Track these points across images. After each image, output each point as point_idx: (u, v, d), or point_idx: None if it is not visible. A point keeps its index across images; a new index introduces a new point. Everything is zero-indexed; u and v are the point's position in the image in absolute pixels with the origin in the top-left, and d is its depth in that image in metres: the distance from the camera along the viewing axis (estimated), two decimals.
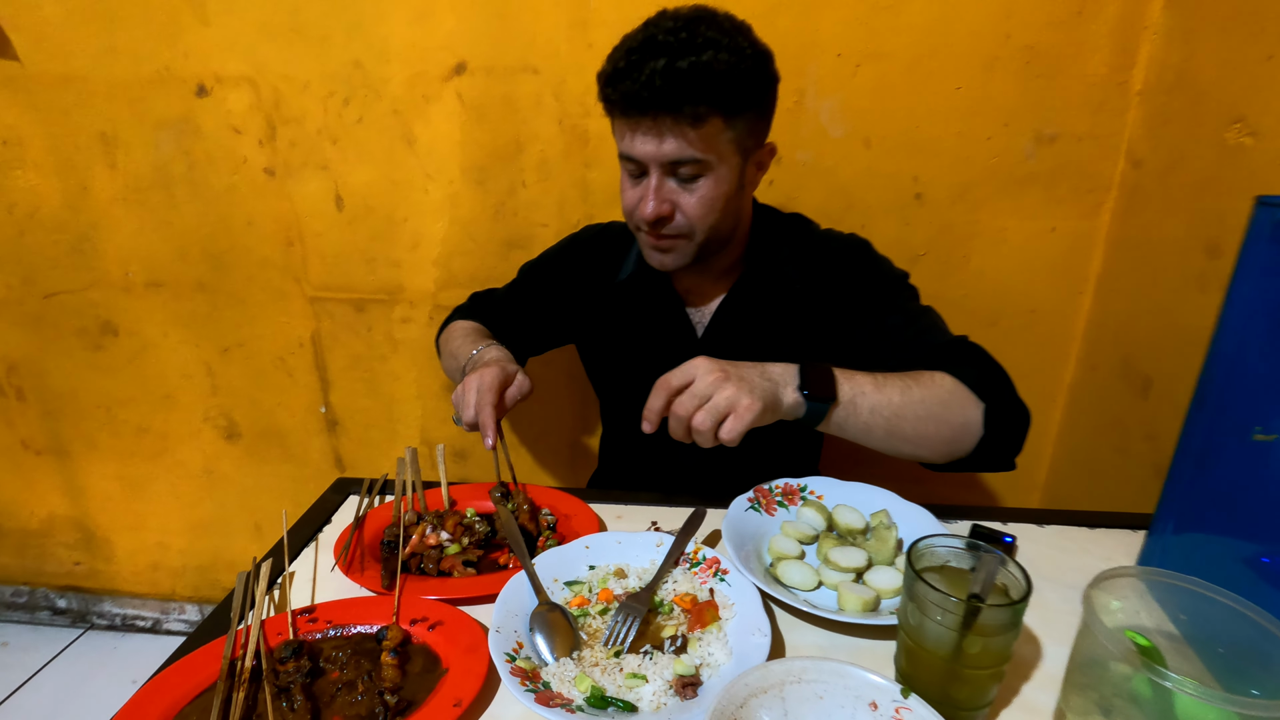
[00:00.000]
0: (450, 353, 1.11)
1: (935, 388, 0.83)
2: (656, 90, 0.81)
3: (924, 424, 0.82)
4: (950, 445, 0.85)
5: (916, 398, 0.81)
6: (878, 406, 0.80)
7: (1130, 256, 1.35)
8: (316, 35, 1.40)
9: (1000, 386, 0.87)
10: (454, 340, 1.12)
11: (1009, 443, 0.87)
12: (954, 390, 0.84)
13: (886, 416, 0.81)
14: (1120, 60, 1.29)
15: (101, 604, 2.02)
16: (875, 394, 0.81)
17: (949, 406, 0.83)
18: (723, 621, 0.70)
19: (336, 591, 0.77)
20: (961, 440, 0.84)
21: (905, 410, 0.81)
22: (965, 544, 0.62)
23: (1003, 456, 0.87)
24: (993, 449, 0.85)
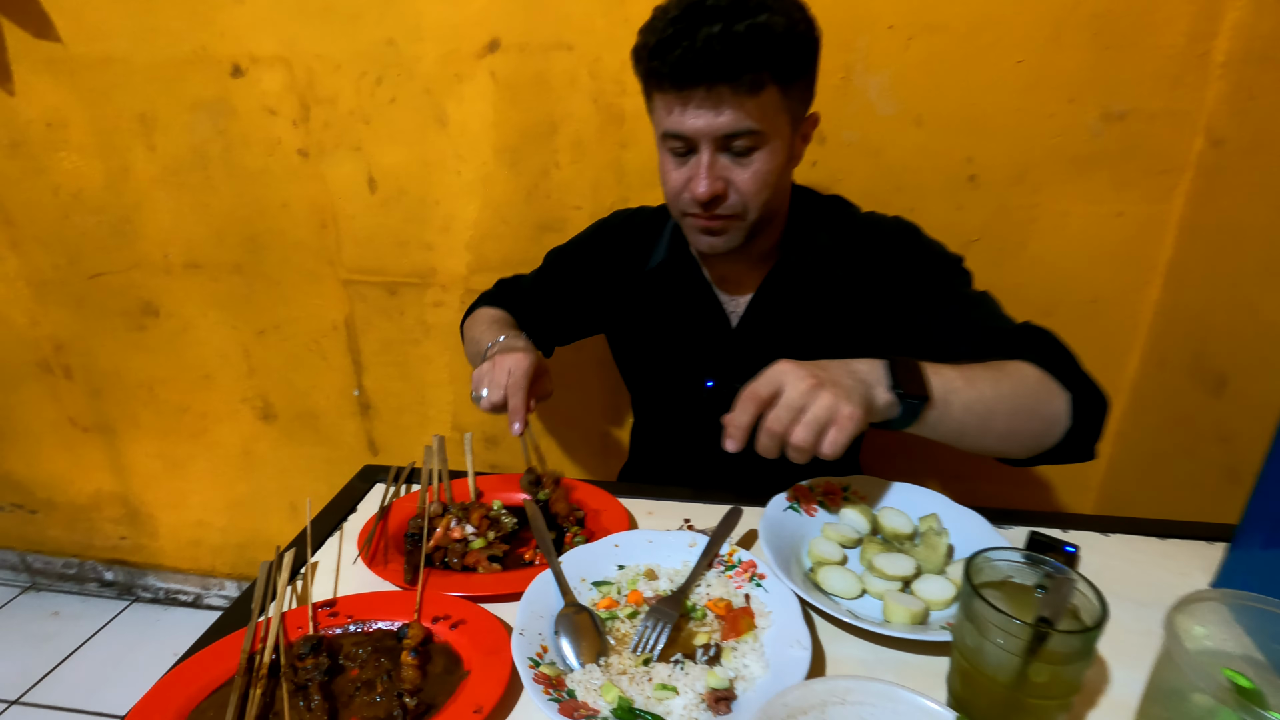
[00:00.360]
0: (474, 338, 1.09)
1: (1023, 379, 0.78)
2: (714, 56, 0.76)
3: (1017, 419, 0.76)
4: (1040, 439, 0.79)
5: (1007, 391, 0.76)
6: (971, 403, 0.74)
7: (1206, 243, 1.25)
8: (349, 13, 1.37)
9: (1079, 373, 0.82)
10: (478, 326, 1.10)
11: (1094, 431, 0.81)
12: (1041, 381, 0.78)
13: (979, 414, 0.74)
14: (1201, 29, 1.19)
15: (146, 578, 2.07)
16: (967, 390, 0.74)
17: (1039, 399, 0.77)
18: (759, 630, 0.66)
19: (359, 584, 0.75)
20: (1051, 432, 0.79)
21: (998, 405, 0.75)
22: (1028, 558, 0.56)
23: (1087, 446, 0.82)
24: (1079, 439, 0.80)
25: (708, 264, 1.01)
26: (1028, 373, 0.78)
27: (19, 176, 1.61)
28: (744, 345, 1.01)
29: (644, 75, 0.85)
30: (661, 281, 1.04)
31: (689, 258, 1.01)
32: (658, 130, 0.88)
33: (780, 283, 0.99)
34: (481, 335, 1.05)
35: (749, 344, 1.01)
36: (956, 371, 0.75)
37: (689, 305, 1.03)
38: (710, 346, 1.03)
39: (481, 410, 0.88)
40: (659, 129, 0.87)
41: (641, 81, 0.88)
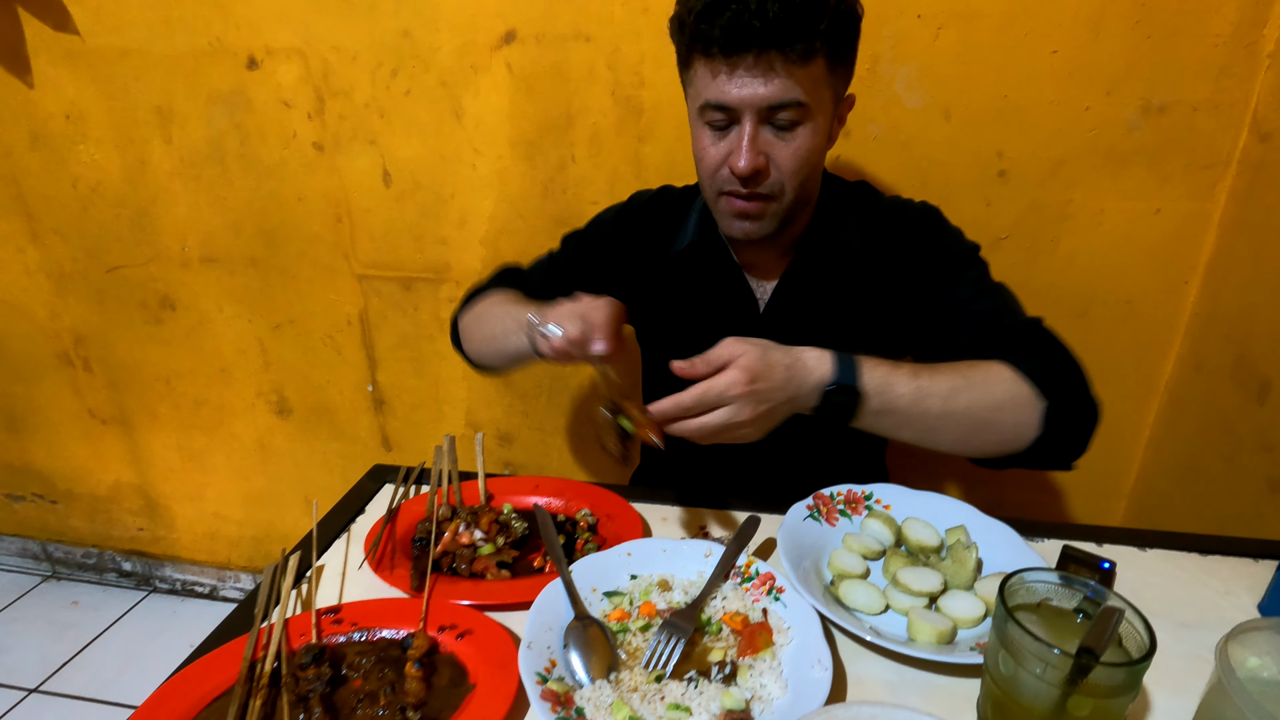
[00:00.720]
0: (493, 321, 0.97)
1: (989, 385, 0.76)
2: (770, 20, 0.73)
3: (972, 424, 0.75)
4: (1003, 445, 0.78)
5: (966, 396, 0.74)
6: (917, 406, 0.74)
7: (1250, 242, 1.19)
8: (365, 4, 1.36)
9: (1068, 381, 0.78)
10: (494, 310, 0.99)
11: (1070, 443, 0.79)
12: (1011, 386, 0.76)
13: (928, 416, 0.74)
14: (1250, 17, 1.13)
15: (163, 569, 2.09)
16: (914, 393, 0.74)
17: (1002, 406, 0.76)
18: (777, 648, 0.63)
19: (365, 589, 0.73)
20: (1017, 439, 0.77)
21: (953, 409, 0.74)
22: (1066, 579, 0.53)
23: (1060, 457, 0.79)
24: (1050, 449, 0.78)
25: (737, 248, 0.98)
26: (997, 377, 0.76)
27: (39, 169, 1.62)
28: (771, 330, 0.98)
29: (687, 41, 0.81)
30: (689, 264, 1.01)
31: (719, 240, 0.98)
32: (696, 102, 0.84)
33: (807, 268, 0.96)
34: (504, 314, 0.95)
35: (776, 328, 0.97)
36: (911, 373, 0.74)
37: (717, 288, 1.00)
38: (738, 330, 1.00)
39: (545, 355, 0.80)
40: (698, 100, 0.83)
41: (682, 51, 0.84)
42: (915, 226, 0.95)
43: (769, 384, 0.70)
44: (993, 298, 0.89)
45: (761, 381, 0.69)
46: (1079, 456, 0.80)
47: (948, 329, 0.88)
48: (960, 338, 0.85)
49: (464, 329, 1.06)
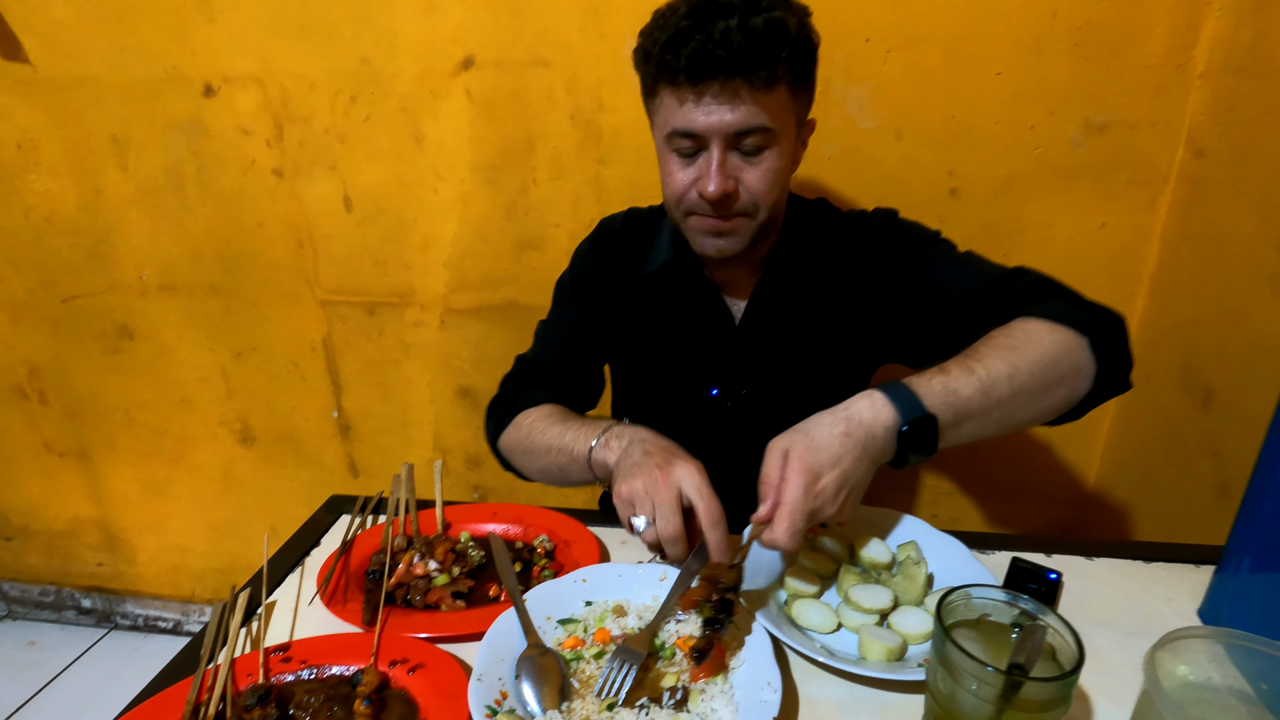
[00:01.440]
0: (545, 454, 0.92)
1: (1036, 343, 0.74)
2: (733, 49, 0.74)
3: (1042, 387, 0.74)
4: (1070, 398, 0.77)
5: (1024, 363, 0.72)
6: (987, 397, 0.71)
7: (1191, 254, 1.23)
8: (323, 31, 1.36)
9: (1084, 306, 0.80)
10: (541, 441, 0.93)
11: (1122, 361, 0.80)
12: (1053, 337, 0.75)
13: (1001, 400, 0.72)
14: (1181, 40, 1.18)
15: (125, 605, 2.03)
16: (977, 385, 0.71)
17: (1058, 362, 0.74)
18: (729, 671, 0.63)
19: (317, 625, 0.72)
20: (1079, 386, 0.77)
21: (1019, 383, 0.72)
22: (1007, 596, 0.54)
23: (1120, 378, 0.80)
24: (1110, 376, 0.78)
25: (710, 266, 0.99)
26: (1036, 334, 0.75)
27: None
28: (747, 345, 0.99)
29: (653, 71, 0.82)
30: (663, 283, 1.01)
31: (693, 258, 0.99)
32: (663, 130, 0.85)
33: (777, 281, 0.98)
34: (556, 448, 0.90)
35: (751, 339, 0.99)
36: (964, 370, 0.72)
37: (693, 306, 1.01)
38: (714, 345, 1.01)
39: (644, 541, 0.73)
40: (665, 129, 0.84)
41: (647, 80, 0.85)
42: (875, 232, 0.98)
43: (838, 468, 0.66)
44: (970, 264, 0.92)
45: (830, 471, 0.66)
46: (1131, 369, 0.81)
47: (945, 305, 0.89)
48: (957, 309, 0.86)
49: (511, 458, 1.02)
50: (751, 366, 1.00)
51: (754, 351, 0.99)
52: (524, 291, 1.50)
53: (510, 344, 1.55)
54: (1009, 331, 0.76)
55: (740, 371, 1.00)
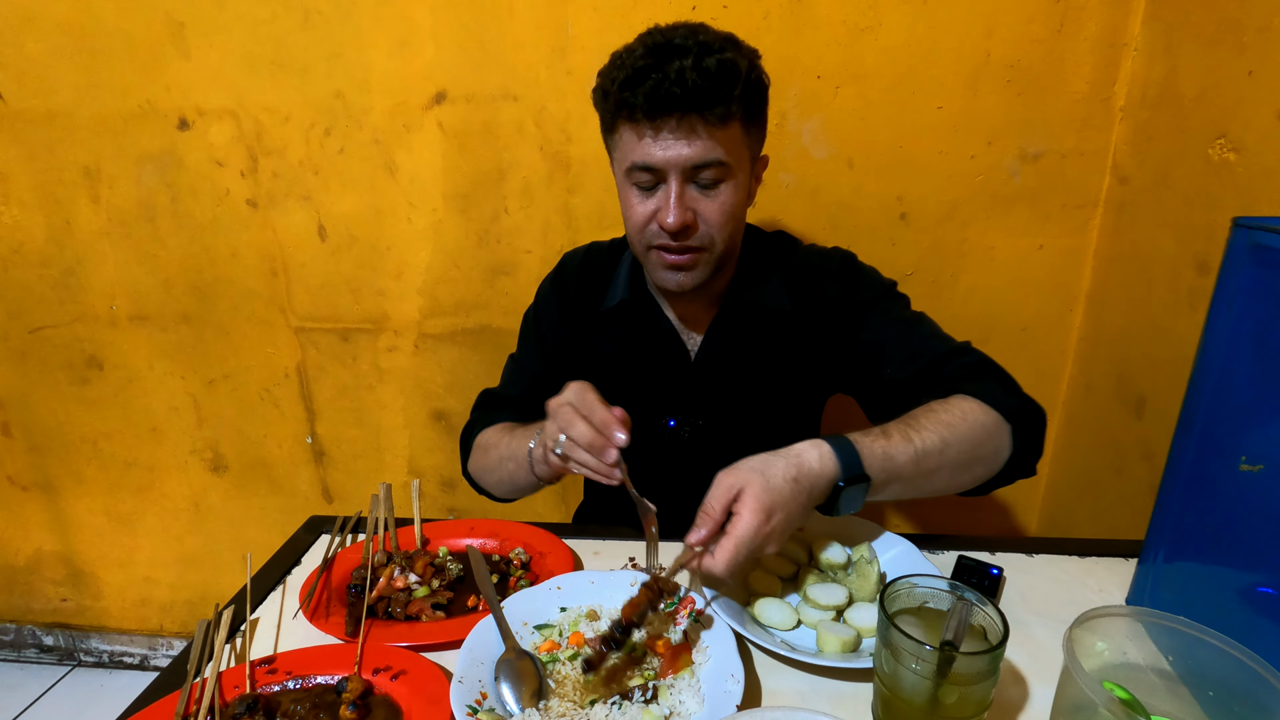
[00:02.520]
0: (499, 465, 0.98)
1: (969, 423, 0.81)
2: (689, 88, 0.79)
3: (964, 462, 0.81)
4: (985, 476, 0.85)
5: (953, 439, 0.79)
6: (915, 466, 0.77)
7: (1120, 273, 1.33)
8: (297, 67, 1.40)
9: (1016, 396, 0.86)
10: (495, 453, 0.99)
11: (1034, 451, 0.87)
12: (983, 419, 0.82)
13: (927, 470, 0.78)
14: (1102, 76, 1.28)
15: (89, 640, 1.99)
16: (914, 469, 0.77)
17: (982, 443, 0.82)
18: (696, 666, 0.67)
19: (301, 639, 0.75)
20: (994, 467, 0.84)
21: (946, 455, 0.78)
22: (944, 584, 0.59)
23: (1028, 465, 0.87)
24: (1021, 462, 0.85)
25: (667, 302, 1.04)
26: (970, 414, 0.81)
27: None
28: (703, 378, 1.03)
29: (612, 109, 0.86)
30: (621, 319, 1.05)
31: (649, 295, 1.03)
32: (622, 165, 0.89)
33: (733, 316, 1.01)
34: (507, 455, 0.95)
35: (706, 375, 1.03)
36: (902, 438, 0.77)
37: (649, 341, 1.04)
38: (671, 380, 1.04)
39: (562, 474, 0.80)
40: (625, 163, 0.88)
41: (606, 117, 0.89)
42: (832, 274, 1.02)
43: (786, 510, 0.70)
44: (920, 329, 0.96)
45: (779, 512, 0.69)
46: (1039, 459, 0.88)
47: (887, 366, 0.94)
48: (901, 372, 0.92)
49: (479, 479, 1.06)
50: (707, 399, 1.03)
51: (709, 384, 1.03)
52: (496, 316, 1.54)
53: (483, 367, 1.58)
54: (948, 407, 0.82)
55: (696, 403, 1.03)
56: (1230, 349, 0.64)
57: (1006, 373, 0.90)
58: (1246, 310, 0.62)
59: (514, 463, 0.93)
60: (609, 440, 0.74)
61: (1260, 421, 0.61)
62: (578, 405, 0.77)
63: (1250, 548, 0.63)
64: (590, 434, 0.75)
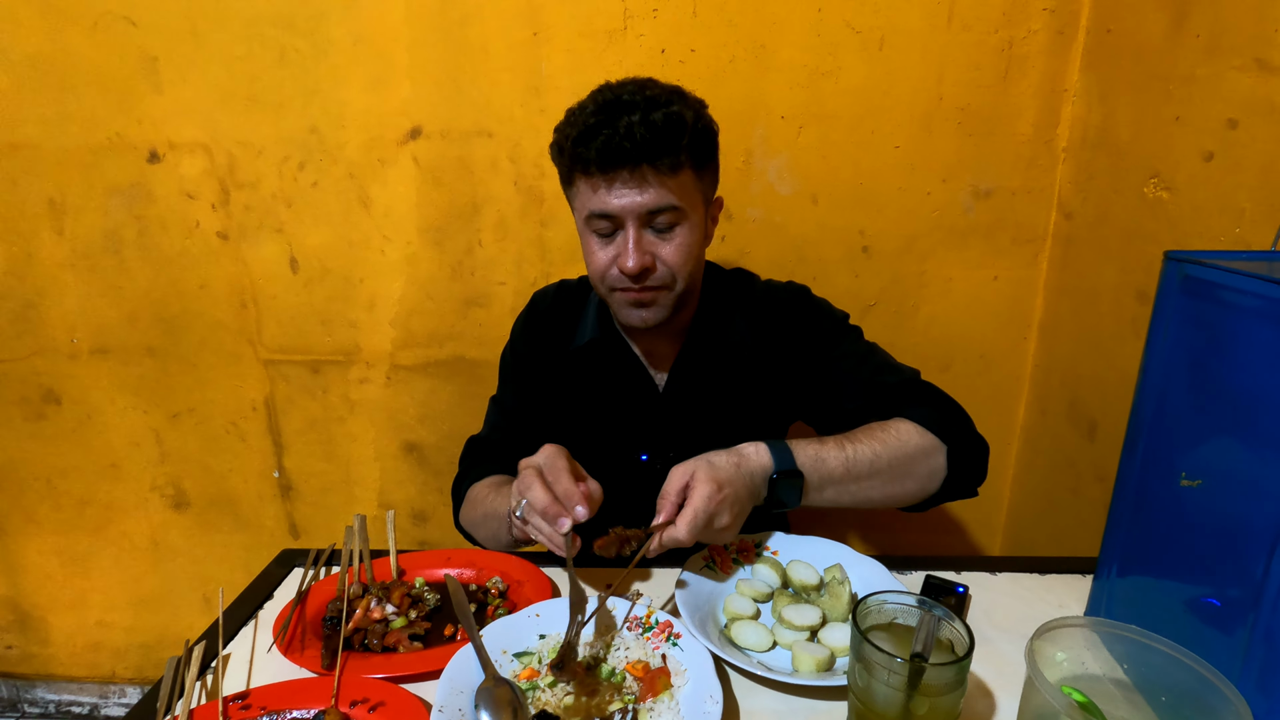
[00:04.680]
0: (486, 522, 0.98)
1: (902, 442, 0.87)
2: (637, 141, 0.84)
3: (896, 478, 0.86)
4: (924, 488, 0.90)
5: (886, 455, 0.85)
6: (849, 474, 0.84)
7: (1069, 303, 1.40)
8: (272, 102, 1.42)
9: (958, 423, 0.91)
10: (482, 509, 1.00)
11: (972, 474, 0.92)
12: (918, 439, 0.88)
13: (859, 478, 0.85)
14: (1046, 120, 1.37)
15: (34, 690, 1.89)
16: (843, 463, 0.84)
17: (916, 458, 0.87)
18: (675, 689, 0.68)
19: (275, 674, 0.73)
20: (930, 485, 0.89)
21: (878, 468, 0.85)
22: (912, 600, 0.62)
23: (967, 487, 0.92)
24: (957, 484, 0.91)
25: (634, 338, 1.07)
26: (906, 434, 0.87)
27: None
28: (671, 412, 1.06)
29: (568, 163, 0.91)
30: (590, 358, 1.07)
31: (616, 333, 1.06)
32: (581, 214, 0.93)
33: (697, 351, 1.05)
34: (492, 512, 0.96)
35: (674, 407, 1.06)
36: (836, 445, 0.85)
37: (619, 378, 1.07)
38: (639, 414, 1.07)
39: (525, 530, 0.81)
40: (583, 212, 0.92)
41: (564, 170, 0.94)
42: (788, 308, 1.07)
43: (733, 487, 0.77)
44: (871, 361, 1.01)
45: (727, 487, 0.77)
46: (982, 483, 0.94)
47: (841, 396, 0.99)
48: (854, 402, 0.97)
49: (469, 530, 1.06)
50: (676, 432, 1.06)
51: (677, 418, 1.06)
52: (470, 347, 1.55)
53: (456, 398, 1.59)
54: (885, 426, 0.89)
55: (666, 437, 1.06)
56: (1167, 374, 0.69)
57: (953, 402, 0.95)
58: (1181, 338, 0.67)
59: (496, 521, 0.94)
60: (566, 511, 0.76)
61: (1197, 440, 0.65)
62: (545, 470, 0.80)
63: (1194, 559, 0.67)
64: (546, 500, 0.77)
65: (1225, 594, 0.63)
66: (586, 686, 0.69)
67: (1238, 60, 0.98)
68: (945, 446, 0.88)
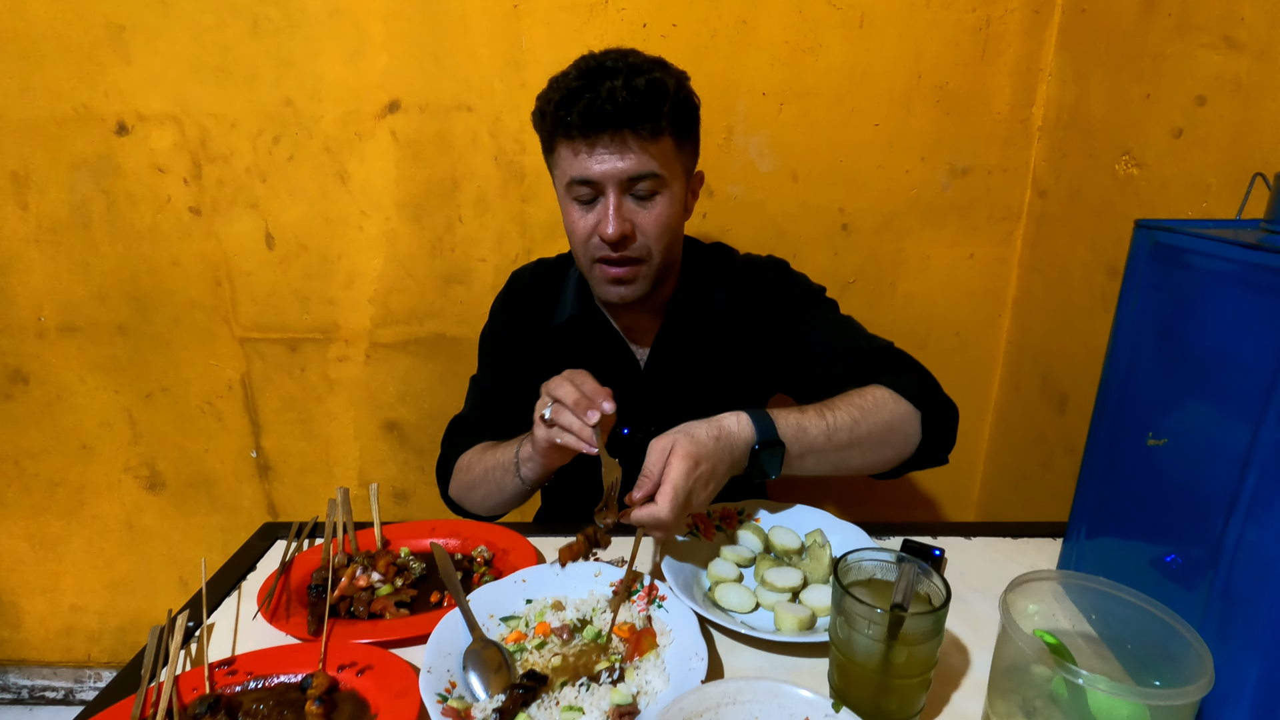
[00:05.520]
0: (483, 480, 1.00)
1: (878, 407, 0.88)
2: (619, 105, 0.84)
3: (873, 443, 0.87)
4: (899, 454, 0.91)
5: (864, 421, 0.86)
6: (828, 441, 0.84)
7: (1042, 280, 1.43)
8: (245, 74, 1.39)
9: (929, 389, 0.93)
10: (477, 470, 1.01)
11: (944, 440, 0.94)
12: (894, 404, 0.89)
13: (839, 446, 0.85)
14: (1021, 99, 1.39)
15: (6, 676, 1.86)
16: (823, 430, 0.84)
17: (892, 423, 0.88)
18: (660, 648, 0.70)
19: (259, 642, 0.73)
20: (905, 450, 0.91)
21: (856, 435, 0.85)
22: (891, 557, 0.64)
23: (939, 453, 0.94)
24: (930, 449, 0.92)
25: (615, 314, 1.07)
26: (882, 400, 0.89)
27: None
28: (652, 387, 1.07)
29: (550, 128, 0.90)
30: (570, 335, 1.08)
31: (596, 309, 1.06)
32: (562, 181, 0.93)
33: (678, 326, 1.06)
34: (491, 468, 0.97)
35: (655, 383, 1.07)
36: (816, 414, 0.85)
37: (600, 354, 1.07)
38: (621, 390, 1.07)
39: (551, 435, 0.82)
40: (564, 179, 0.92)
41: (545, 138, 0.94)
42: (767, 281, 1.08)
43: (711, 461, 0.77)
44: (845, 331, 1.03)
45: (705, 462, 0.76)
46: (951, 449, 0.95)
47: (818, 364, 1.00)
48: (829, 370, 0.98)
49: (462, 501, 1.07)
50: (658, 406, 1.06)
51: (659, 392, 1.07)
52: (450, 324, 1.55)
53: (437, 376, 1.58)
54: (862, 394, 0.89)
55: (648, 411, 1.06)
56: (1136, 338, 0.71)
57: (924, 370, 0.97)
58: (1149, 302, 0.69)
59: (500, 470, 0.95)
60: (594, 404, 0.79)
61: (1163, 401, 0.68)
62: (570, 377, 0.83)
63: (1159, 519, 0.70)
64: (576, 395, 0.80)
65: (1188, 553, 0.66)
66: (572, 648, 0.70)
67: (1206, 38, 1.00)
68: (919, 413, 0.90)
